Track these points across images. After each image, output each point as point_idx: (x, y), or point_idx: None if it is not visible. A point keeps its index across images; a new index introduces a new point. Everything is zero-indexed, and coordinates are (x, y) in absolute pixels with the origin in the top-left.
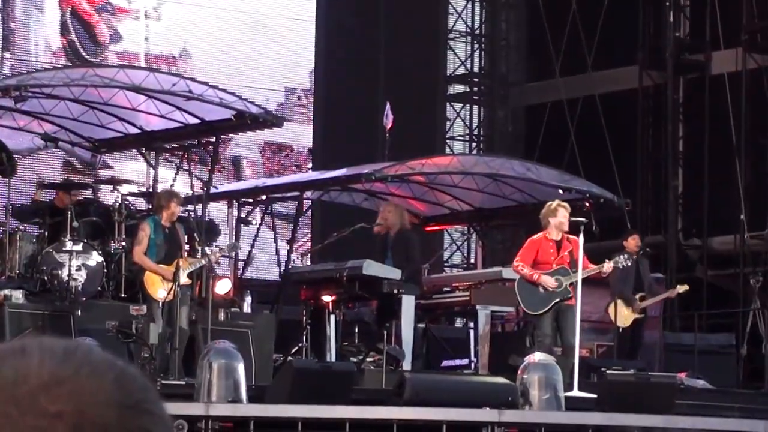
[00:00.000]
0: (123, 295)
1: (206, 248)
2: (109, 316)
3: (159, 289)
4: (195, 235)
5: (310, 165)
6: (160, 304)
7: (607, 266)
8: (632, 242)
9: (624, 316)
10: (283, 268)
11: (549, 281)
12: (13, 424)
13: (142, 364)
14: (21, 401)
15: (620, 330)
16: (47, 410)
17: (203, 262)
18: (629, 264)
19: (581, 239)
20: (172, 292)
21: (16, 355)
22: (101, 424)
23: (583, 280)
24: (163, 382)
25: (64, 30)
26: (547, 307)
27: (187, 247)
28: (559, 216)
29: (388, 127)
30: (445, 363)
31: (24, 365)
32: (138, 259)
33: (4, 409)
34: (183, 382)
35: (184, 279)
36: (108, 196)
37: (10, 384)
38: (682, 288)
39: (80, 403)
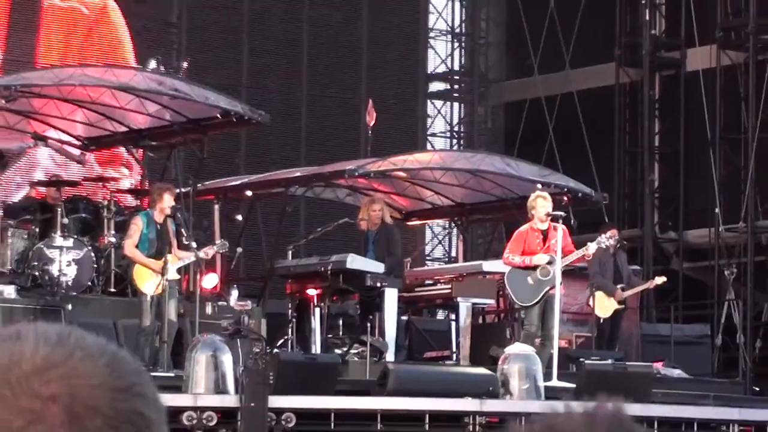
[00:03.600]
0: (112, 290)
1: (196, 246)
2: (99, 311)
3: (147, 283)
4: (183, 230)
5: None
6: (149, 297)
7: (592, 247)
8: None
9: (604, 306)
10: (268, 262)
11: (541, 258)
12: (8, 406)
13: (255, 358)
14: (15, 384)
15: (600, 321)
16: (41, 393)
17: (192, 258)
18: (611, 243)
19: (560, 231)
20: (160, 286)
21: (10, 340)
22: (94, 407)
23: (563, 272)
24: (152, 374)
25: None
26: (538, 298)
27: (175, 242)
28: (538, 206)
29: (371, 124)
30: (428, 354)
31: (18, 349)
32: (129, 252)
33: None
34: (172, 374)
35: (173, 274)
36: (97, 192)
37: (5, 368)
38: (660, 279)
39: (73, 386)
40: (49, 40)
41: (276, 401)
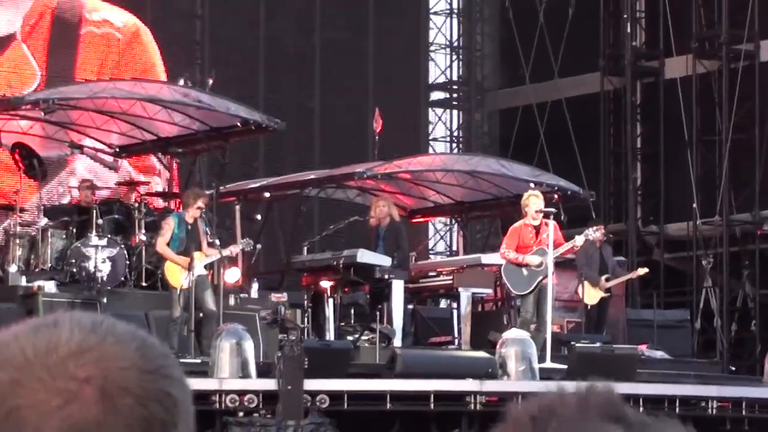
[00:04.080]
0: (144, 284)
1: (220, 244)
2: (131, 303)
3: (177, 278)
4: (207, 230)
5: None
6: (179, 291)
7: (580, 239)
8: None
9: (591, 295)
10: (285, 257)
11: (534, 260)
12: (47, 388)
13: (291, 345)
14: (53, 368)
15: (588, 308)
16: (76, 375)
17: (218, 255)
18: (597, 236)
19: (551, 225)
20: (187, 280)
21: (48, 327)
22: (125, 387)
23: (555, 263)
24: (181, 360)
25: None
26: (532, 287)
27: (205, 241)
28: (531, 204)
29: (378, 130)
30: (432, 340)
31: (55, 336)
32: (160, 249)
33: (39, 374)
34: (199, 360)
35: (200, 269)
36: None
37: (43, 352)
38: (642, 270)
39: (106, 368)
40: (86, 65)
41: (311, 384)
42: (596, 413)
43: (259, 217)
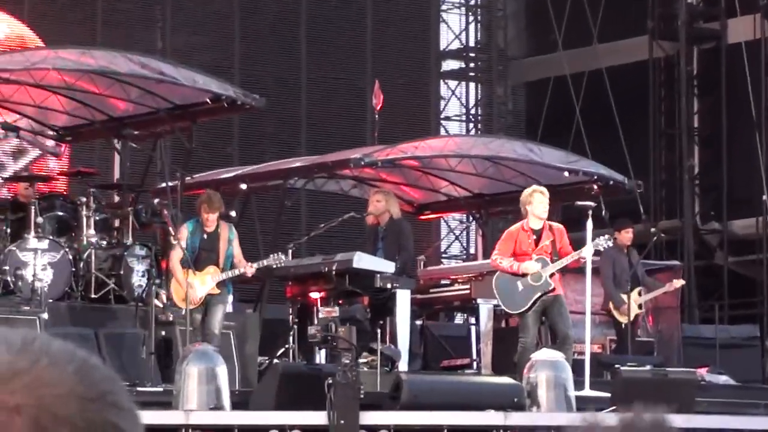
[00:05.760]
0: (93, 296)
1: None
2: (78, 319)
3: (181, 296)
4: (170, 229)
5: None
6: (183, 311)
7: (588, 250)
8: (625, 236)
9: (623, 312)
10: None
11: (531, 267)
12: None
13: (344, 371)
14: None
15: (622, 326)
16: (6, 403)
17: (237, 272)
18: (610, 245)
19: (589, 225)
20: (188, 300)
21: None
22: (62, 417)
23: (581, 269)
24: (139, 389)
25: None
26: (529, 305)
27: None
28: (535, 203)
29: (378, 107)
30: (445, 362)
31: None
32: (171, 265)
33: None
34: (160, 389)
35: (207, 288)
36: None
37: None
38: (679, 282)
39: (39, 396)
40: None
41: (368, 417)
42: None
43: (233, 213)
